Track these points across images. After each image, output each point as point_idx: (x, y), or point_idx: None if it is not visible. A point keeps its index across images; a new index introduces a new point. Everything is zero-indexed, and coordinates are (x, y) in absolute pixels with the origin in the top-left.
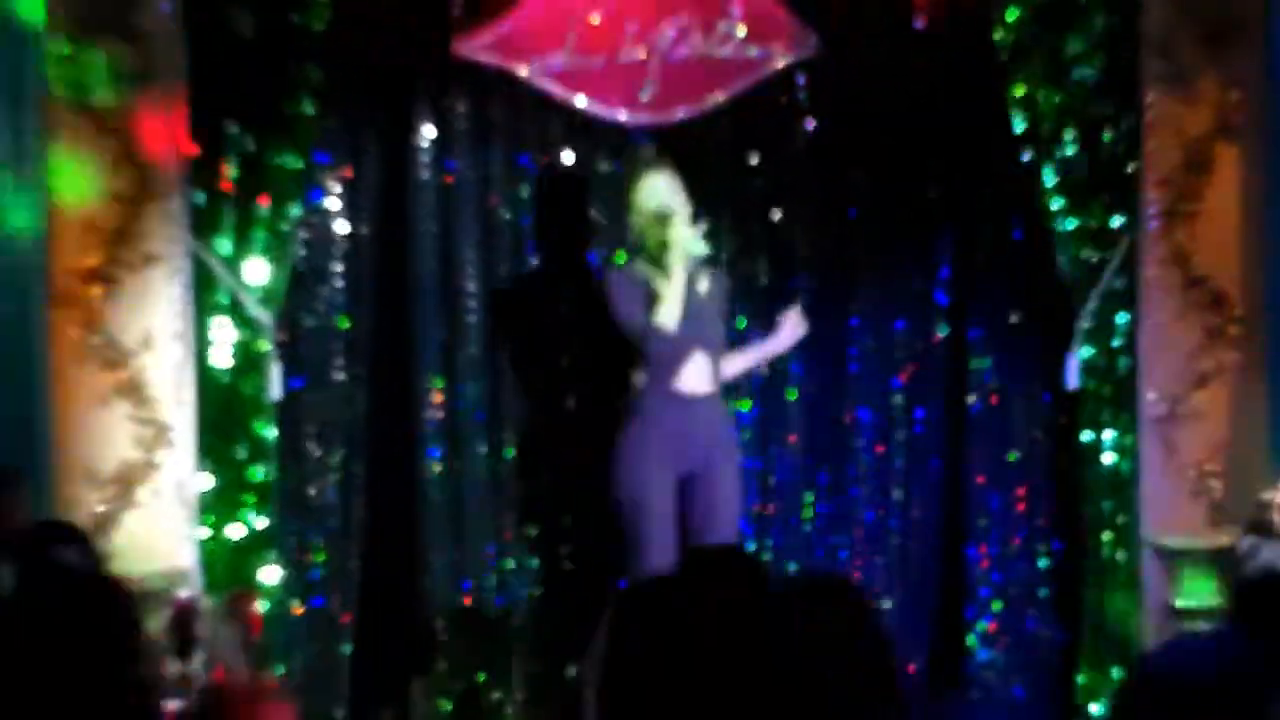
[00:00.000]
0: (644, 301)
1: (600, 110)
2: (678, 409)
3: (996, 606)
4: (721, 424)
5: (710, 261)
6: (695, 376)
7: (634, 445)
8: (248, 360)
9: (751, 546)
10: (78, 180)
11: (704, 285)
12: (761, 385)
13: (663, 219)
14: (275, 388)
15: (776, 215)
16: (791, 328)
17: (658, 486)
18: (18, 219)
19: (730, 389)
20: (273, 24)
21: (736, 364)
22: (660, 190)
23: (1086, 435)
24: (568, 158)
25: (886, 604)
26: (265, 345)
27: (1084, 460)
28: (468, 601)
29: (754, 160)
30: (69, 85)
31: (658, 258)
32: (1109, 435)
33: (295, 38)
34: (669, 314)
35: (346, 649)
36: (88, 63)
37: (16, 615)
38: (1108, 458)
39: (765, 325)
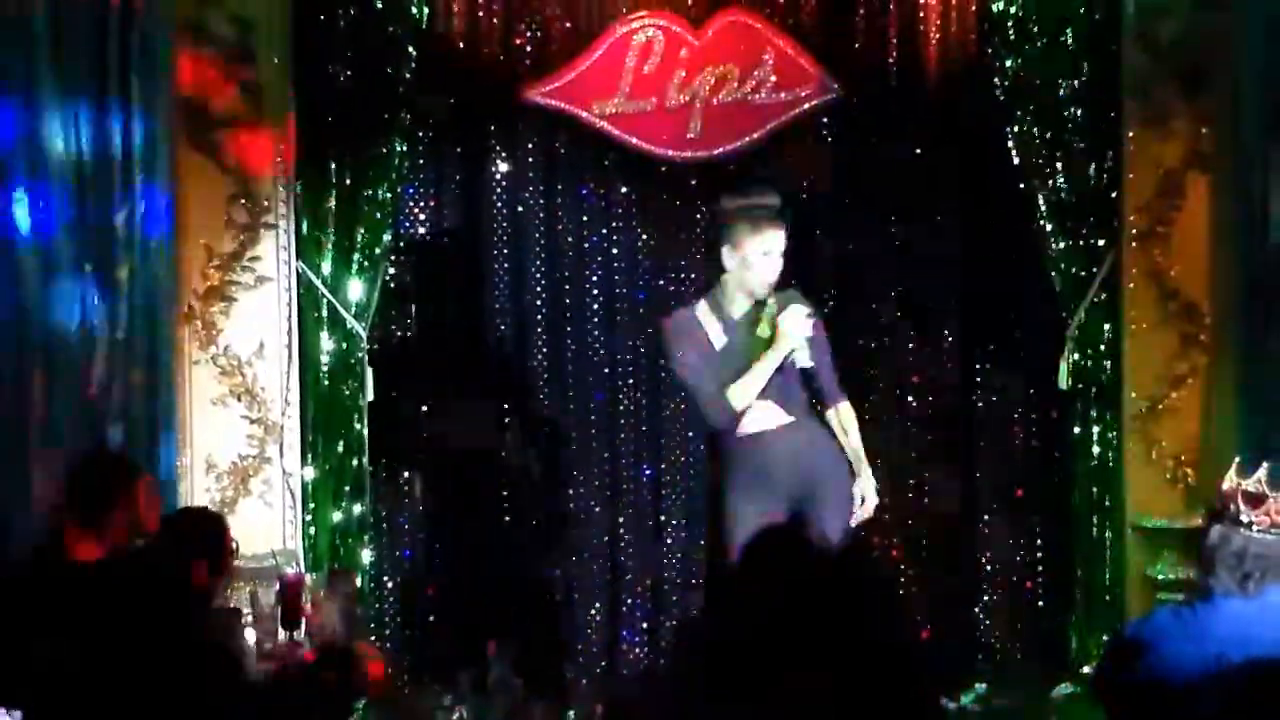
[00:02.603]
0: (709, 361)
1: (651, 148)
2: (750, 450)
3: (999, 581)
4: (813, 452)
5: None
6: (759, 416)
7: (725, 486)
8: (345, 366)
9: None
10: None
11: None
12: None
13: (780, 302)
14: (369, 390)
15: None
16: (793, 323)
17: (749, 522)
18: (150, 246)
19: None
20: (368, 74)
21: (749, 391)
22: (780, 260)
23: (1076, 431)
24: (622, 189)
25: (904, 579)
26: (360, 353)
27: (1074, 453)
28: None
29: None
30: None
31: (759, 335)
32: (1096, 430)
33: (387, 86)
34: (743, 396)
35: (431, 618)
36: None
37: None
38: (1095, 450)
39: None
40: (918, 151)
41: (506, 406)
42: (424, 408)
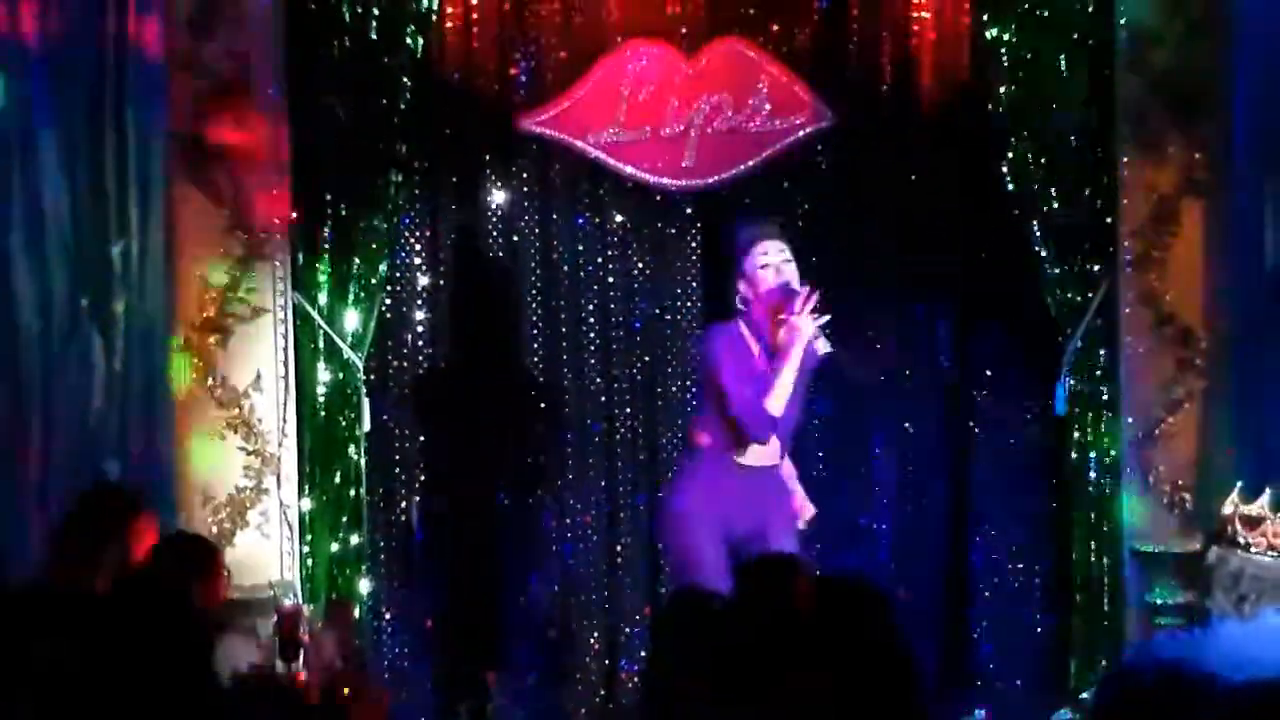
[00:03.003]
0: (750, 374)
1: (646, 176)
2: (736, 479)
3: (998, 607)
4: (778, 495)
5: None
6: (763, 452)
7: (685, 512)
8: (342, 397)
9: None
10: None
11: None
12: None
13: (787, 298)
14: (365, 420)
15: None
16: (801, 330)
17: (709, 555)
18: (146, 278)
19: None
20: (364, 106)
21: (782, 395)
22: (782, 267)
23: (1073, 456)
24: (617, 218)
25: (901, 605)
26: (356, 383)
27: (1071, 478)
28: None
29: (778, 218)
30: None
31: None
32: (1093, 455)
33: (383, 117)
34: (778, 401)
35: (429, 649)
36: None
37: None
38: (1092, 475)
39: None
40: (912, 178)
41: (503, 435)
42: (421, 438)
